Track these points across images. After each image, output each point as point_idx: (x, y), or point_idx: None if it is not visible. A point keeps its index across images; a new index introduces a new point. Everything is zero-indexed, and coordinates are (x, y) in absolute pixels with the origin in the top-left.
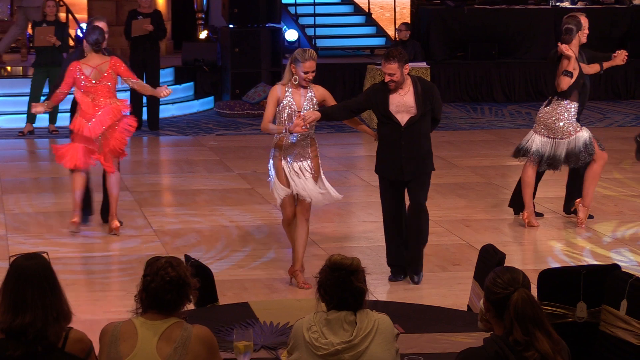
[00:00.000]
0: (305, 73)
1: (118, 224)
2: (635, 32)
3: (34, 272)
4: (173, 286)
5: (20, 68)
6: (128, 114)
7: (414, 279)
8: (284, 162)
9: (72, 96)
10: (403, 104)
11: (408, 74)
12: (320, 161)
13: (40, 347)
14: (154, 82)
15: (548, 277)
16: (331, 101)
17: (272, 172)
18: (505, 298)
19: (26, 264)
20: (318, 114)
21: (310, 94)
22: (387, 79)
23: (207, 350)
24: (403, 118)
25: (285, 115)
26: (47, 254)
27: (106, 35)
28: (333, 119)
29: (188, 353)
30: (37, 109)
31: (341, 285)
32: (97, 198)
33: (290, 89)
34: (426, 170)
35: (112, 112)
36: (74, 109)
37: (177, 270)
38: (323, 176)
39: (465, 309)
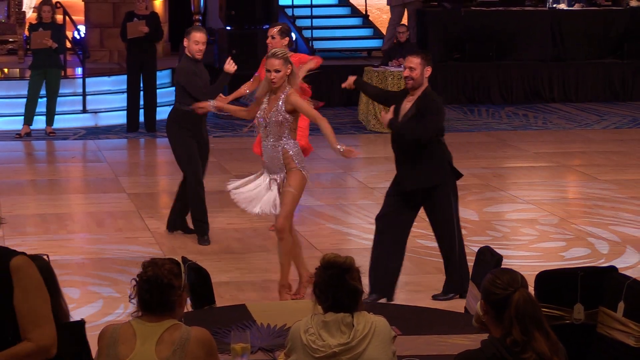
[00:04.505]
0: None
1: None
2: (632, 34)
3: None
4: (151, 285)
5: (18, 70)
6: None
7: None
8: None
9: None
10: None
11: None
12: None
13: None
14: (151, 84)
15: (545, 278)
16: None
17: None
18: (505, 298)
19: None
20: None
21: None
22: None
23: (205, 353)
24: None
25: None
26: (48, 256)
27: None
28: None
29: (187, 355)
30: None
31: (335, 283)
32: None
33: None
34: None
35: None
36: None
37: (155, 270)
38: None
39: (462, 311)
